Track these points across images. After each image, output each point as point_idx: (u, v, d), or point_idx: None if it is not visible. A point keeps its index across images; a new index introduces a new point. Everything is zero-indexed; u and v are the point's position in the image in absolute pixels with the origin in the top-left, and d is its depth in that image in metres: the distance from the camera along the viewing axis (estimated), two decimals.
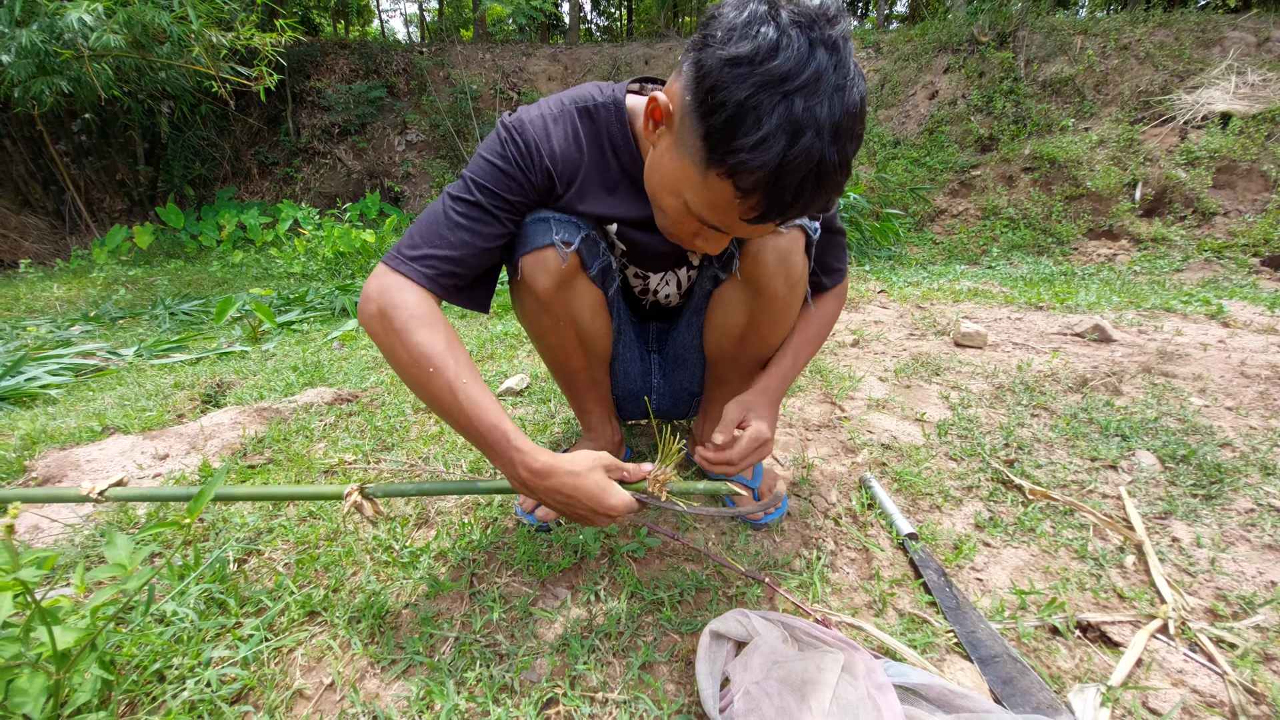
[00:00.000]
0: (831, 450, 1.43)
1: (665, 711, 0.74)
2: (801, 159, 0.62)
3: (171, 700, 0.74)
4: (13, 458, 1.50)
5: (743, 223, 0.71)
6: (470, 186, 0.86)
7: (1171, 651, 0.86)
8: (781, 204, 0.66)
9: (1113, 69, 6.75)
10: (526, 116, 0.88)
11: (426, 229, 0.85)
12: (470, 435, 0.79)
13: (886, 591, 0.95)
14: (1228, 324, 2.72)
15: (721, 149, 0.65)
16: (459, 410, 0.78)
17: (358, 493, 0.86)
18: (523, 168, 0.87)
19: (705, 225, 0.76)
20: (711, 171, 0.67)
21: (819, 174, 0.64)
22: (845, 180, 0.67)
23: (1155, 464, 1.35)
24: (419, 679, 0.79)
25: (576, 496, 0.77)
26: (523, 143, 0.87)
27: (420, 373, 0.79)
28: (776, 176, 0.63)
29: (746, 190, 0.66)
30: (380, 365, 2.28)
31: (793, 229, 0.92)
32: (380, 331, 0.81)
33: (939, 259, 5.80)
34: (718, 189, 0.68)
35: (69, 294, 5.21)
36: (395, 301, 0.80)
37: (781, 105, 0.61)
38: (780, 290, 0.96)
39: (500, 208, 0.87)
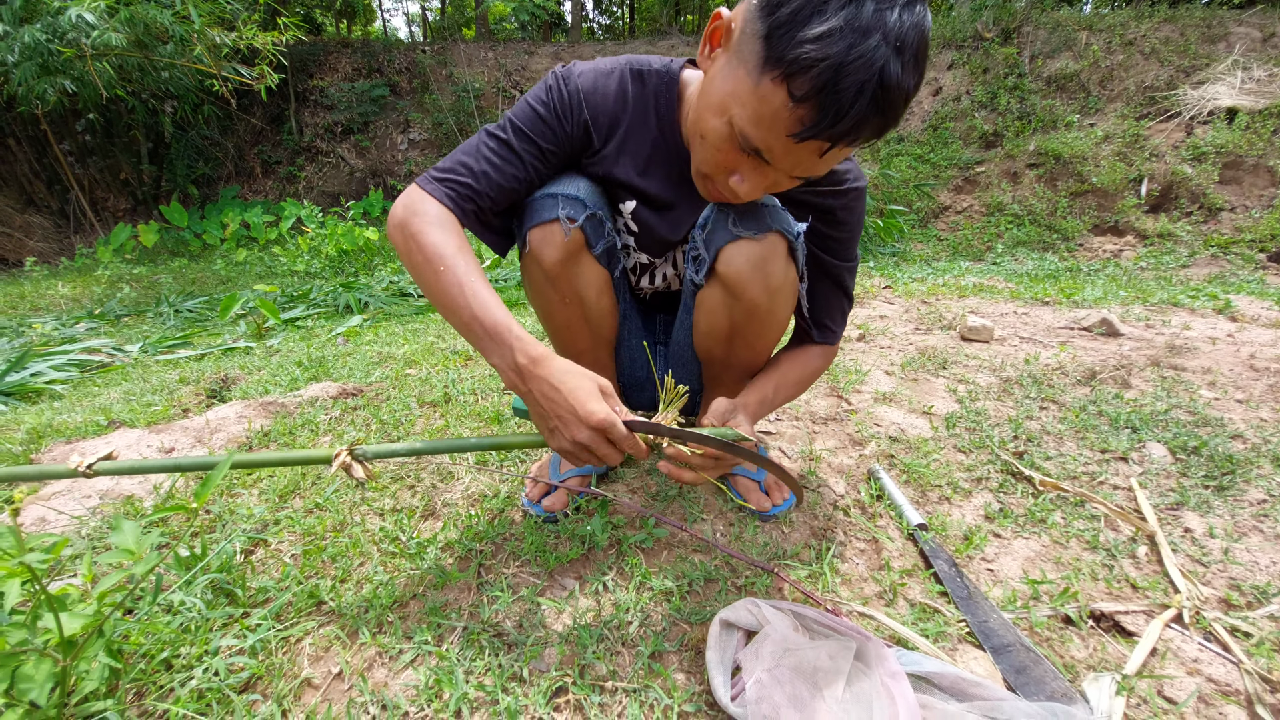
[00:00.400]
0: (839, 442, 1.42)
1: (676, 700, 0.73)
2: (862, 63, 0.60)
3: (180, 688, 0.74)
4: (19, 451, 1.51)
5: (787, 141, 0.67)
6: (506, 125, 0.89)
7: (1186, 641, 0.86)
8: (835, 113, 0.63)
9: (1118, 64, 6.71)
10: (577, 69, 0.91)
11: (456, 157, 0.88)
12: (473, 329, 0.79)
13: (897, 582, 0.94)
14: (1235, 318, 2.71)
15: (784, 43, 0.62)
16: (464, 305, 0.78)
17: (347, 453, 0.83)
18: (560, 116, 0.89)
19: (746, 153, 0.73)
20: (766, 77, 0.65)
21: (880, 84, 0.61)
22: (904, 107, 0.64)
23: (1166, 455, 1.33)
24: (427, 668, 0.78)
25: (561, 392, 0.74)
26: (566, 92, 0.89)
27: (431, 271, 0.80)
28: (835, 77, 0.60)
29: (799, 95, 0.63)
30: (384, 360, 2.28)
31: (770, 234, 0.89)
32: (400, 237, 0.84)
33: (943, 255, 5.78)
34: (769, 96, 0.65)
35: (74, 292, 5.22)
36: (416, 209, 0.84)
37: (852, 4, 0.60)
38: (759, 297, 0.93)
39: (529, 152, 0.89)
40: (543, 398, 0.76)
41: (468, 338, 0.81)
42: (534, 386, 0.76)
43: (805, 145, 0.68)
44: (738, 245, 0.89)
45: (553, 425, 0.76)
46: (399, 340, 2.66)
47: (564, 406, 0.74)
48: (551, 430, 0.77)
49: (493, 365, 0.80)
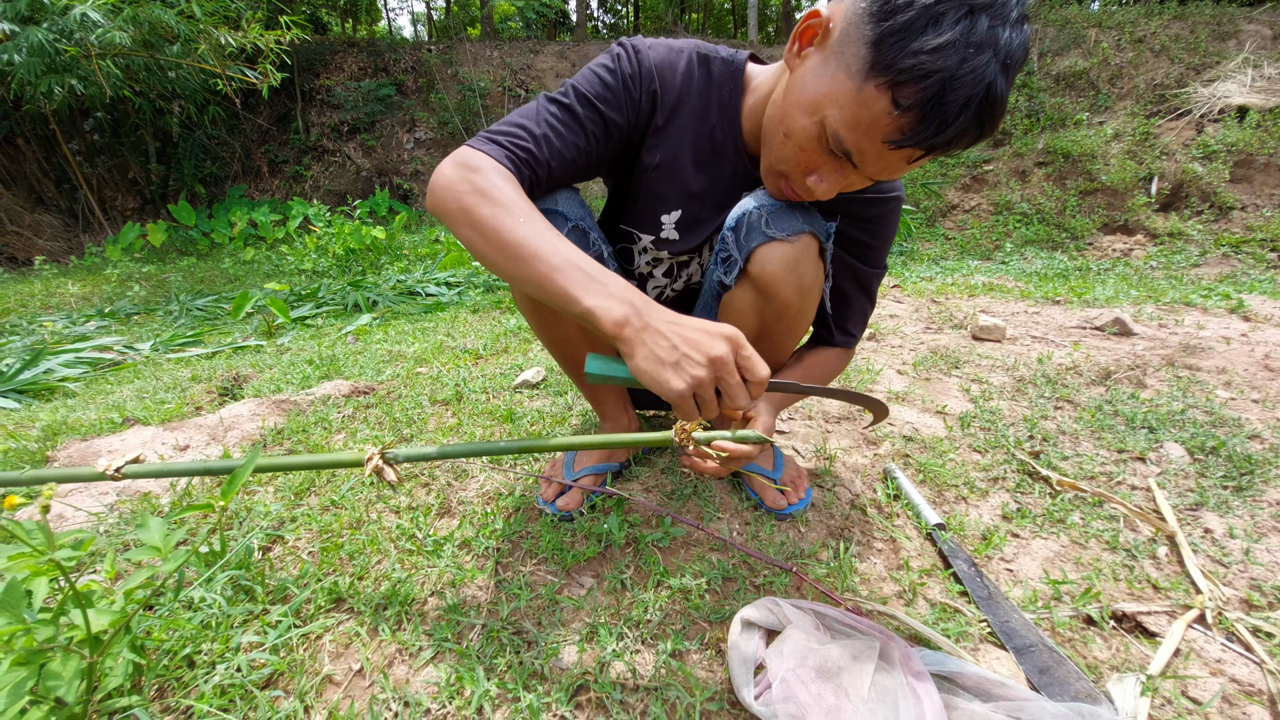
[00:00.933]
0: (853, 442, 1.42)
1: (697, 699, 0.73)
2: (973, 77, 0.61)
3: (203, 684, 0.74)
4: (35, 448, 1.51)
5: (881, 147, 0.68)
6: (570, 92, 0.84)
7: (1209, 641, 0.85)
8: (939, 125, 0.64)
9: (1128, 62, 6.67)
10: (646, 41, 0.88)
11: (513, 119, 0.82)
12: (568, 273, 0.69)
13: (916, 581, 0.94)
14: (1249, 318, 2.69)
15: (895, 51, 0.63)
16: (556, 249, 0.70)
17: (378, 457, 0.83)
18: (629, 84, 0.86)
19: (833, 154, 0.73)
20: (870, 83, 0.65)
21: (986, 99, 0.63)
22: (1001, 120, 0.66)
23: (1184, 456, 1.32)
24: (448, 665, 0.78)
25: (683, 321, 0.68)
26: (637, 60, 0.86)
27: (510, 219, 0.71)
28: (944, 90, 0.62)
29: (905, 104, 0.64)
30: (395, 359, 2.28)
31: (804, 235, 0.88)
32: (458, 193, 0.74)
33: (951, 254, 5.76)
34: (871, 102, 0.66)
35: (84, 290, 5.26)
36: (475, 165, 0.76)
37: (967, 19, 0.60)
38: (791, 298, 0.92)
39: (593, 120, 0.84)
40: (666, 325, 0.67)
41: (556, 282, 0.69)
42: (652, 318, 0.68)
43: (899, 152, 0.69)
44: (772, 246, 0.88)
45: (679, 355, 0.66)
46: (409, 339, 2.67)
47: (689, 327, 0.67)
48: (676, 362, 0.66)
49: (587, 308, 0.68)
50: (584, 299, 0.68)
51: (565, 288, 0.69)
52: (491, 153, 0.78)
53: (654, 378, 0.66)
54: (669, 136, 0.91)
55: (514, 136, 0.80)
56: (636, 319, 0.67)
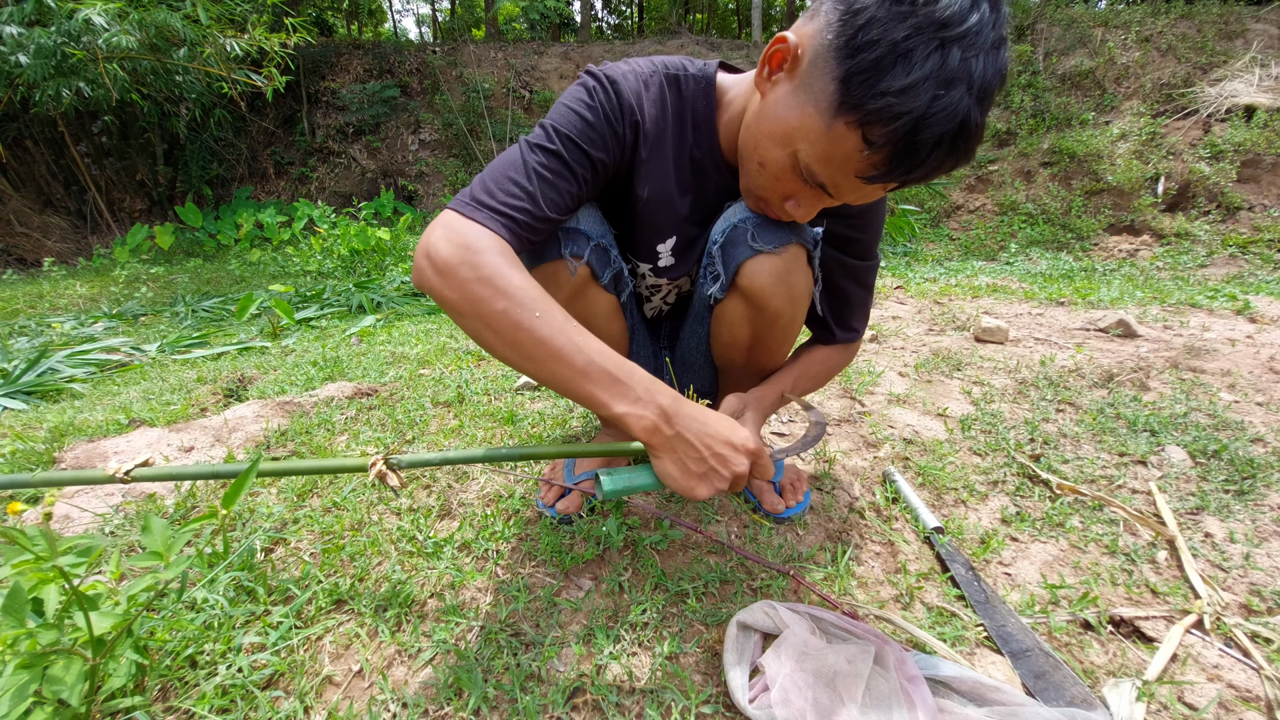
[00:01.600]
0: (853, 445, 1.42)
1: (693, 702, 0.73)
2: (946, 114, 0.58)
3: (205, 684, 0.75)
4: (42, 449, 1.53)
5: (855, 180, 0.67)
6: (554, 135, 0.79)
7: (1207, 647, 0.85)
8: (911, 162, 0.62)
9: (1134, 61, 6.63)
10: (617, 70, 0.83)
11: (501, 177, 0.76)
12: (592, 376, 0.68)
13: (913, 585, 0.94)
14: (1255, 319, 2.67)
15: (862, 92, 0.60)
16: (578, 350, 0.67)
17: (382, 463, 0.84)
18: (611, 120, 0.81)
19: (808, 185, 0.72)
20: (840, 120, 0.63)
21: (959, 134, 0.60)
22: (979, 143, 0.63)
23: (1185, 459, 1.32)
24: (446, 667, 0.79)
25: (712, 426, 0.69)
26: (614, 93, 0.81)
27: (525, 315, 0.67)
28: (915, 130, 0.59)
29: (876, 143, 0.61)
30: (398, 360, 2.29)
31: (791, 246, 0.87)
32: (460, 283, 0.69)
33: (955, 255, 5.74)
34: (841, 140, 0.64)
35: (92, 292, 5.30)
36: (474, 246, 0.70)
37: (937, 53, 0.57)
38: (782, 308, 0.92)
39: (582, 163, 0.80)
40: (696, 438, 0.68)
41: (583, 386, 0.68)
42: (683, 426, 0.68)
43: (874, 185, 0.67)
44: (760, 260, 0.87)
45: (707, 467, 0.69)
46: (412, 340, 2.68)
47: (719, 440, 0.69)
48: (704, 473, 0.69)
49: (618, 414, 0.68)
50: (614, 405, 0.68)
51: (593, 393, 0.68)
52: (489, 224, 0.72)
53: (682, 485, 0.69)
54: (654, 167, 0.88)
55: (508, 198, 0.74)
56: (667, 426, 0.68)
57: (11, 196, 7.74)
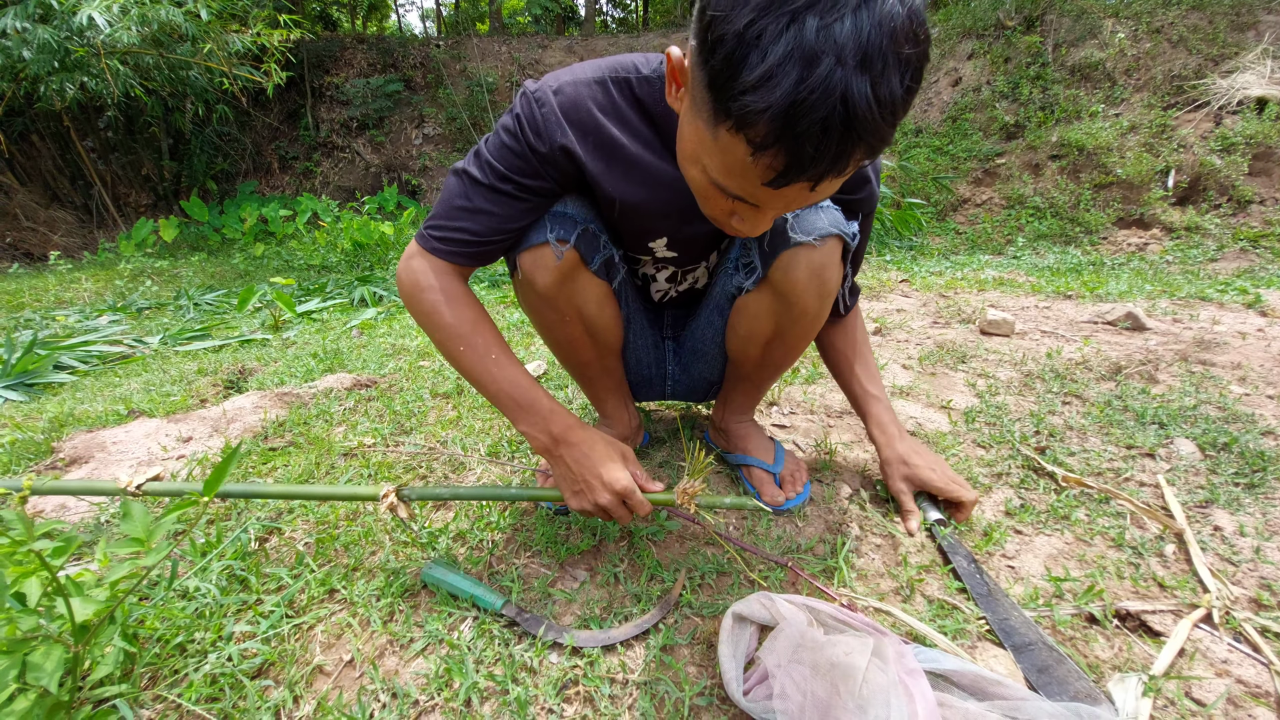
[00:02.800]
0: (855, 436, 1.40)
1: (687, 693, 0.72)
2: (817, 96, 0.49)
3: (193, 673, 0.74)
4: (41, 440, 1.53)
5: (765, 189, 0.59)
6: (485, 168, 0.81)
7: (1215, 641, 0.83)
8: (802, 158, 0.53)
9: (1145, 53, 6.54)
10: (553, 85, 0.80)
11: (448, 207, 0.85)
12: (503, 401, 0.86)
13: (914, 577, 0.92)
14: (1266, 313, 2.63)
15: (724, 95, 0.53)
16: (491, 380, 0.85)
17: (394, 495, 0.86)
18: (533, 148, 0.79)
19: (731, 197, 0.65)
20: (721, 128, 0.56)
21: (846, 114, 0.50)
22: (891, 121, 0.53)
23: (1195, 452, 1.30)
24: (438, 657, 0.78)
25: (591, 459, 0.83)
26: (540, 116, 0.78)
27: (453, 348, 0.86)
28: (788, 122, 0.51)
29: (759, 145, 0.54)
30: (398, 352, 2.29)
31: (830, 238, 0.85)
32: (415, 310, 0.88)
33: (962, 249, 5.69)
34: (729, 148, 0.57)
35: (97, 286, 5.32)
36: (422, 283, 0.85)
37: (789, 30, 0.48)
38: (811, 305, 0.91)
39: (517, 190, 0.82)
40: (573, 464, 0.84)
41: (497, 405, 0.87)
42: (565, 453, 0.84)
43: (790, 189, 0.59)
44: (799, 252, 0.85)
45: (578, 488, 0.85)
46: (412, 333, 2.67)
47: (591, 473, 0.83)
48: (576, 493, 0.85)
49: (521, 431, 0.86)
50: (516, 424, 0.86)
51: (504, 412, 0.87)
52: (440, 255, 0.85)
53: (561, 493, 0.88)
54: (617, 174, 0.84)
55: (452, 233, 0.84)
56: (554, 449, 0.85)
57: (18, 191, 7.78)
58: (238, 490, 0.86)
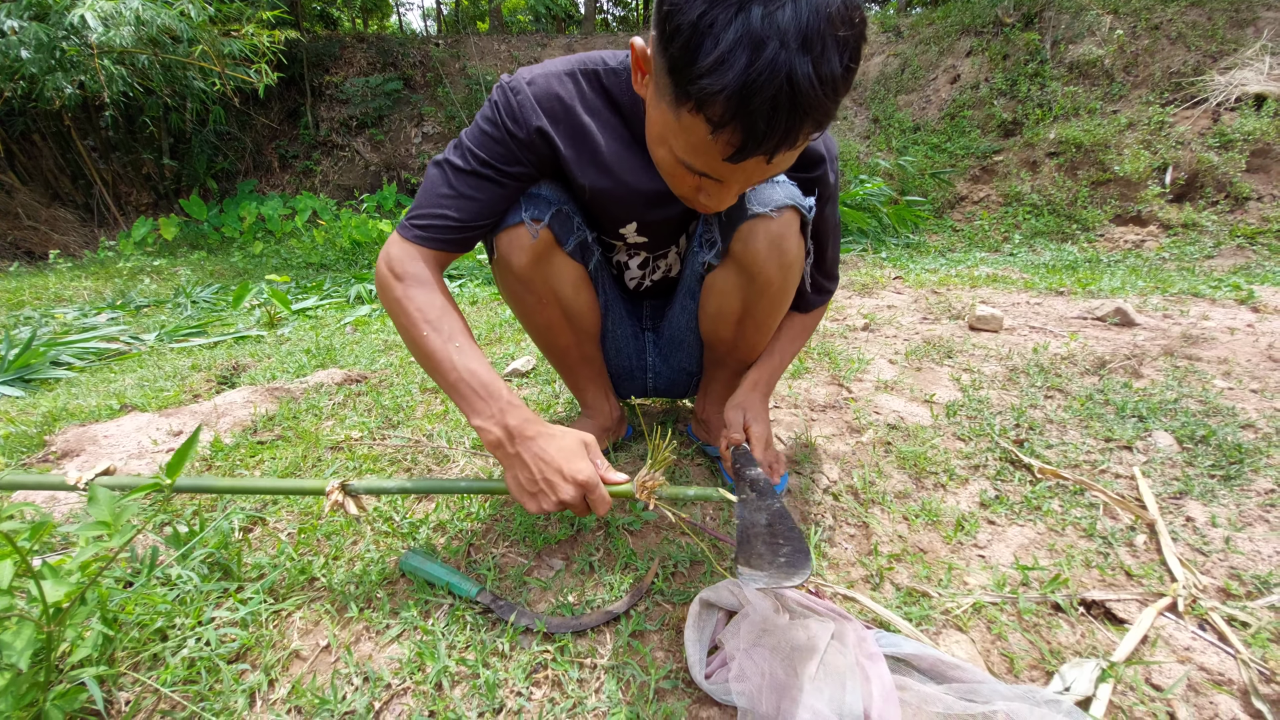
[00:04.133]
0: (836, 430, 1.41)
1: (653, 677, 0.73)
2: (766, 76, 0.55)
3: (171, 657, 0.76)
4: (34, 433, 1.55)
5: (726, 164, 0.65)
6: (466, 155, 0.86)
7: (1180, 629, 0.84)
8: (756, 133, 0.59)
9: (1143, 49, 6.53)
10: (526, 76, 0.85)
11: (431, 193, 0.86)
12: (459, 389, 0.81)
13: (884, 566, 0.93)
14: (1258, 309, 2.63)
15: (684, 79, 0.59)
16: (450, 366, 0.81)
17: (339, 490, 0.85)
18: (512, 132, 0.85)
19: (696, 174, 0.71)
20: (683, 109, 0.62)
21: (792, 92, 0.56)
22: (833, 97, 0.58)
23: (1173, 444, 1.31)
24: (412, 642, 0.80)
25: (549, 453, 0.78)
26: (516, 103, 0.84)
27: (417, 333, 0.83)
28: (742, 101, 0.56)
29: (717, 123, 0.60)
30: (390, 348, 2.30)
31: (787, 210, 0.87)
32: (385, 300, 0.87)
33: (959, 246, 5.69)
34: (691, 128, 0.63)
35: (97, 284, 5.34)
36: (398, 271, 0.85)
37: (738, 18, 0.54)
38: (774, 276, 0.92)
39: (496, 176, 0.86)
40: (531, 460, 0.78)
41: (452, 396, 0.83)
42: (521, 449, 0.78)
43: (748, 163, 0.65)
44: (755, 223, 0.88)
45: (536, 490, 0.78)
46: None
47: (551, 467, 0.77)
48: (534, 494, 0.79)
49: (474, 425, 0.81)
50: (471, 417, 0.81)
51: (459, 402, 0.82)
52: (418, 243, 0.86)
53: (517, 498, 0.81)
54: (587, 161, 0.89)
55: (432, 219, 0.86)
56: (510, 445, 0.79)
57: (19, 190, 7.81)
58: (188, 484, 0.85)
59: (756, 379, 1.07)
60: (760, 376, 1.07)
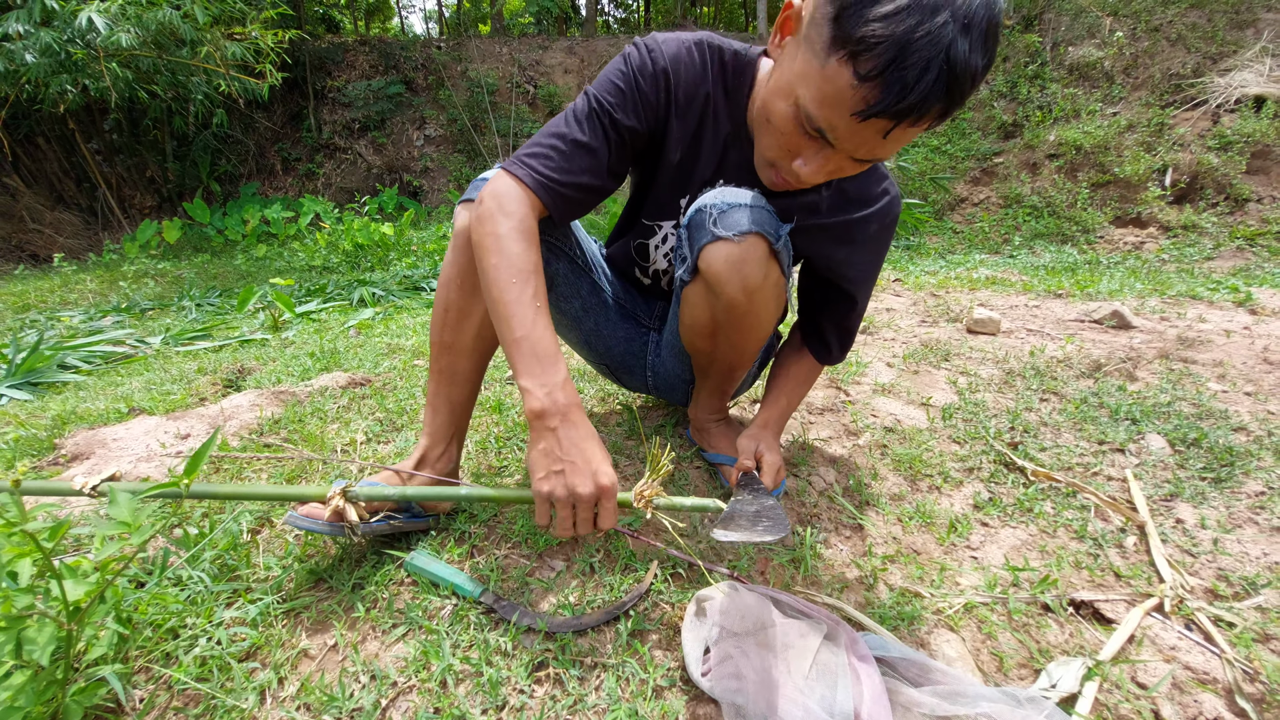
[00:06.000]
0: (833, 432, 1.43)
1: (651, 675, 0.76)
2: (929, 39, 0.61)
3: (184, 655, 0.78)
4: (44, 436, 1.58)
5: (851, 120, 0.68)
6: (596, 101, 0.88)
7: (1166, 629, 0.86)
8: (900, 91, 0.63)
9: (1143, 51, 6.55)
10: (660, 37, 0.90)
11: (547, 136, 0.87)
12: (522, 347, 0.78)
13: (878, 567, 0.95)
14: (1255, 311, 2.65)
15: (851, 23, 0.63)
16: (524, 320, 0.78)
17: (340, 495, 0.87)
18: (640, 86, 0.88)
19: (810, 135, 0.75)
20: (833, 58, 0.66)
21: (946, 64, 0.62)
22: (971, 86, 0.64)
23: (1165, 447, 1.32)
24: (417, 641, 0.82)
25: (585, 443, 0.77)
26: (650, 60, 0.88)
27: (502, 279, 0.80)
28: (901, 54, 0.62)
29: (865, 73, 0.64)
30: (394, 351, 2.33)
31: (750, 236, 0.88)
32: (480, 229, 0.83)
33: (959, 248, 5.71)
34: (835, 76, 0.67)
35: (101, 287, 5.38)
36: (505, 208, 0.82)
37: None
38: (736, 296, 0.92)
39: (613, 128, 0.88)
40: (565, 439, 0.76)
41: (510, 350, 0.80)
42: (560, 425, 0.76)
43: (869, 124, 0.69)
44: (717, 245, 0.89)
45: (559, 467, 0.76)
46: (409, 332, 2.72)
47: (582, 456, 0.76)
48: (555, 472, 0.76)
49: (521, 385, 0.78)
50: (521, 377, 0.78)
51: (515, 359, 0.79)
52: (527, 182, 0.85)
53: (532, 470, 0.78)
54: (687, 129, 0.93)
55: (543, 159, 0.85)
56: (551, 419, 0.76)
57: (24, 193, 7.86)
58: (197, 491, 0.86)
59: (767, 419, 1.11)
60: (770, 417, 1.11)
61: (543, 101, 10.00)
